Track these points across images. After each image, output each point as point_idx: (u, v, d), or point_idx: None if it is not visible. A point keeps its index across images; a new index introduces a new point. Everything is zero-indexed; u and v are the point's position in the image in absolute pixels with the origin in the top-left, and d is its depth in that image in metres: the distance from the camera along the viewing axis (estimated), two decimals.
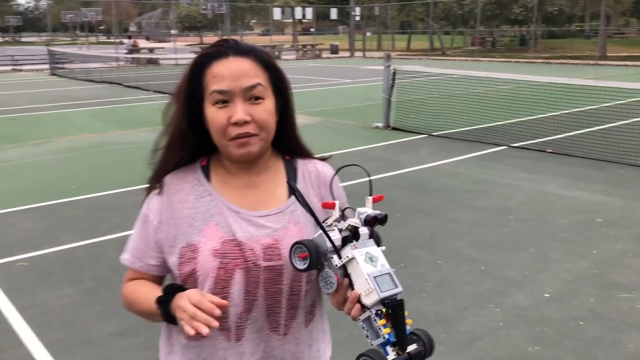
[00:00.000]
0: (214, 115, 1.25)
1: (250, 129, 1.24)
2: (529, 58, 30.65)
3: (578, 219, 5.42)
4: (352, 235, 1.13)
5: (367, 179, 1.22)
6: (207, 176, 1.35)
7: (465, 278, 4.17)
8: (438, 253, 4.63)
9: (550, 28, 41.59)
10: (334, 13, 39.68)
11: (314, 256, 1.11)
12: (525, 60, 30.23)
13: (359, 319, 1.09)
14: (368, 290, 1.06)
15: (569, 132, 9.23)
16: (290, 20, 44.74)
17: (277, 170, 1.38)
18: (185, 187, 1.33)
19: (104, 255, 4.63)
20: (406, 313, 1.08)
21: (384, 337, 1.05)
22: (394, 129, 10.14)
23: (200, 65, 1.27)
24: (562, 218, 5.44)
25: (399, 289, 1.08)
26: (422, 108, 11.14)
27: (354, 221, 1.13)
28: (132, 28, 65.46)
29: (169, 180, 1.34)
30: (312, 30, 44.28)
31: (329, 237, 1.10)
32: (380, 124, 10.39)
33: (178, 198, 1.32)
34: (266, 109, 1.26)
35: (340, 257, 1.10)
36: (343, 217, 1.18)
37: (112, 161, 7.99)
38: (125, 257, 1.39)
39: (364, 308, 1.08)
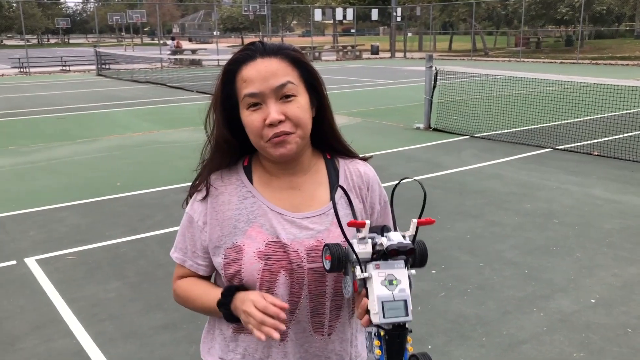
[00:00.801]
0: (249, 118, 1.25)
1: (285, 127, 1.24)
2: (575, 59, 29.85)
3: (626, 223, 5.26)
4: (383, 252, 1.13)
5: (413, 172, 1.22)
6: (250, 177, 1.35)
7: (508, 281, 4.10)
8: (480, 256, 4.56)
9: (598, 28, 40.45)
10: (374, 14, 39.55)
11: (336, 262, 1.15)
12: (571, 61, 29.48)
13: (365, 329, 1.14)
14: (374, 311, 1.10)
15: (617, 135, 8.96)
16: (331, 21, 44.79)
17: (318, 170, 1.37)
18: (229, 188, 1.34)
19: (148, 251, 4.74)
20: (409, 340, 1.11)
21: (375, 356, 1.11)
22: (435, 130, 10.04)
23: (231, 72, 1.28)
24: (610, 222, 5.29)
25: (408, 317, 1.10)
26: (464, 109, 11.00)
27: (382, 243, 1.13)
28: (175, 29, 66.77)
29: (213, 181, 1.35)
30: (352, 31, 44.16)
31: (354, 251, 1.13)
32: (421, 125, 10.31)
33: (222, 199, 1.33)
34: (299, 106, 1.25)
35: (362, 270, 1.13)
36: (385, 229, 1.19)
37: (156, 159, 8.17)
38: (176, 255, 1.41)
39: (370, 322, 1.12)
